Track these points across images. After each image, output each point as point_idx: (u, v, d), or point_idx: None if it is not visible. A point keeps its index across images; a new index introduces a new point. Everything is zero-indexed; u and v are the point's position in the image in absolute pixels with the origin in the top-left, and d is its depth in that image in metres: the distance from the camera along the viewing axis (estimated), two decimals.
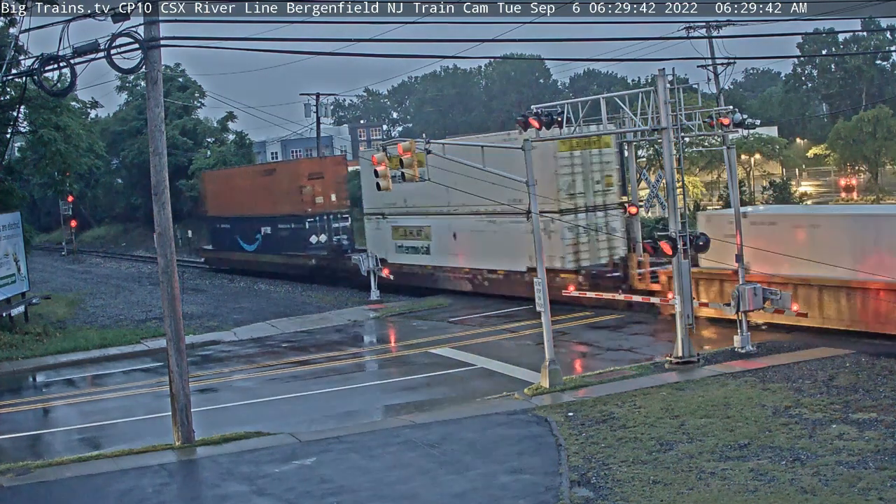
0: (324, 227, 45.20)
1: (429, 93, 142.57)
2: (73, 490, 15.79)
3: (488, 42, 24.75)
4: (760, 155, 71.70)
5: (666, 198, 21.66)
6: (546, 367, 20.45)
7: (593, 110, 23.55)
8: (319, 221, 45.31)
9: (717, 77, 48.23)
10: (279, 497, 14.72)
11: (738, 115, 24.87)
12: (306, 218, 45.32)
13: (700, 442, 15.56)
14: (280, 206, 46.75)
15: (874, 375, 19.05)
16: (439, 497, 14.10)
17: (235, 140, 74.66)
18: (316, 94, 61.50)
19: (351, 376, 24.62)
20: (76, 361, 28.97)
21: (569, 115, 22.05)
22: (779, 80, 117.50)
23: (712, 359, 21.67)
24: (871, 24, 52.95)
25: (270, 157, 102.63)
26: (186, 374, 18.52)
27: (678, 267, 21.49)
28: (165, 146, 18.33)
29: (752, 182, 71.28)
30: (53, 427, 22.14)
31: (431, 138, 25.23)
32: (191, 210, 74.12)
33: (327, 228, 45.20)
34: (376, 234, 39.81)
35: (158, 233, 18.33)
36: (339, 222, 45.46)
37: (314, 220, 45.36)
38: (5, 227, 32.81)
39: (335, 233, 45.05)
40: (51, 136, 35.72)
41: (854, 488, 12.92)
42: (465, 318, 31.31)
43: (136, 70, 17.91)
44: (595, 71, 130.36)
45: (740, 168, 60.21)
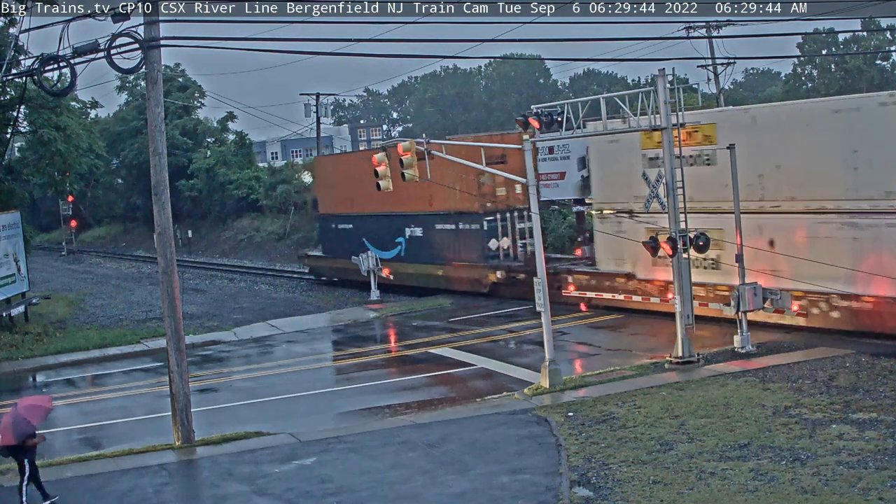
0: (506, 227, 34.62)
1: (429, 93, 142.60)
2: (73, 490, 15.78)
3: (488, 42, 24.82)
4: None
5: (666, 198, 21.65)
6: (546, 367, 20.45)
7: (593, 110, 23.53)
8: (501, 220, 34.59)
9: (717, 77, 48.24)
10: (279, 497, 14.72)
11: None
12: (483, 216, 34.35)
13: (700, 442, 15.55)
14: (441, 201, 35.25)
15: (874, 375, 19.04)
16: (439, 497, 14.10)
17: (235, 140, 74.74)
18: (316, 94, 61.58)
19: (351, 376, 24.62)
20: (76, 361, 28.98)
21: (568, 115, 22.04)
22: (779, 80, 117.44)
23: (712, 359, 21.66)
24: (871, 24, 52.95)
25: (270, 157, 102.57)
26: (186, 374, 18.53)
27: (678, 267, 21.48)
28: (165, 146, 18.35)
29: None
30: (53, 427, 22.10)
31: (431, 138, 25.27)
32: (189, 210, 74.21)
33: (510, 229, 34.69)
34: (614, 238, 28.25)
35: (158, 233, 18.34)
36: (523, 221, 34.19)
37: (493, 218, 34.50)
38: (5, 227, 32.82)
39: (520, 235, 34.51)
40: (51, 136, 35.74)
41: (854, 488, 12.91)
42: (465, 318, 31.30)
43: (136, 70, 17.92)
44: (595, 71, 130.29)
45: None
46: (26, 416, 14.93)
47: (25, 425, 14.83)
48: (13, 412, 15.13)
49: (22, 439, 14.76)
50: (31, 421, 14.92)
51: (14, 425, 14.81)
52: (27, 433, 14.81)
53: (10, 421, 14.90)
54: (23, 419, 14.88)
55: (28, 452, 14.91)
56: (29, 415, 14.99)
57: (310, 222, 62.77)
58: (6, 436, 14.80)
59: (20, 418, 14.89)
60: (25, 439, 14.80)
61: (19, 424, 14.83)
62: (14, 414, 15.05)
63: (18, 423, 14.84)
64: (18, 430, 14.77)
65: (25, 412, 15.03)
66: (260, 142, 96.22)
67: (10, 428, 14.79)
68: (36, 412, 15.16)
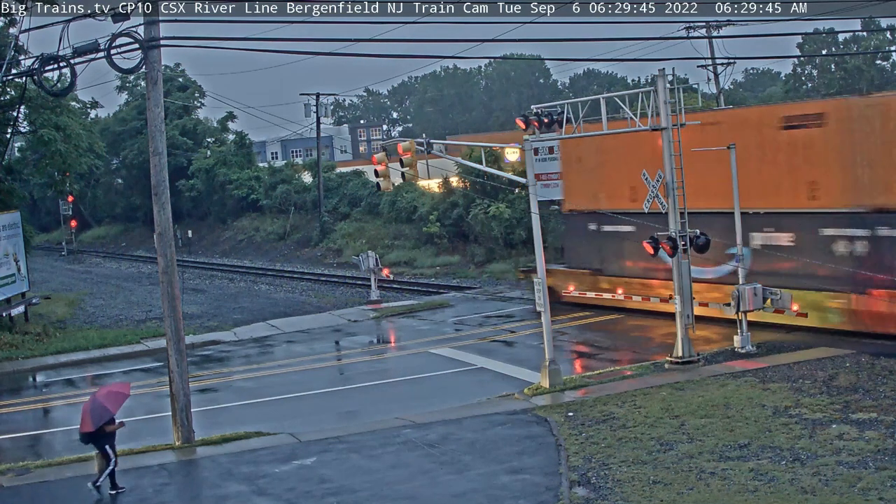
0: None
1: (429, 93, 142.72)
2: (73, 490, 15.78)
3: (488, 42, 24.81)
4: None
5: (666, 198, 21.64)
6: (546, 367, 20.45)
7: (593, 110, 23.53)
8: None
9: (717, 77, 48.20)
10: (279, 497, 14.72)
11: None
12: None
13: (700, 442, 15.55)
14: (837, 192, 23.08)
15: (874, 375, 19.05)
16: (439, 497, 14.10)
17: (235, 140, 74.72)
18: (316, 94, 61.54)
19: (351, 376, 24.61)
20: (76, 361, 28.98)
21: (568, 114, 22.04)
22: (779, 80, 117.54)
23: (712, 359, 21.67)
24: (871, 24, 52.91)
25: (270, 157, 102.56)
26: (186, 374, 18.53)
27: (678, 267, 21.48)
28: (165, 146, 18.36)
29: None
30: (53, 427, 22.13)
31: (432, 138, 25.27)
32: (189, 210, 74.21)
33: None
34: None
35: (158, 233, 18.34)
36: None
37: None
38: (5, 227, 32.82)
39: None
40: (51, 136, 35.73)
41: (854, 488, 12.91)
42: (464, 318, 31.30)
43: (136, 70, 17.93)
44: (595, 71, 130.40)
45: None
46: (104, 403, 15.46)
47: (103, 412, 15.37)
48: (92, 400, 15.66)
49: (100, 425, 15.29)
50: (109, 408, 15.44)
51: (92, 412, 15.35)
52: (105, 419, 15.34)
53: (88, 408, 15.45)
54: (101, 406, 15.41)
55: (107, 438, 15.46)
56: (107, 401, 15.51)
57: (309, 222, 62.84)
58: (85, 423, 15.36)
59: (98, 405, 15.41)
60: (103, 425, 15.32)
61: (97, 411, 15.35)
62: (93, 401, 15.57)
63: (97, 410, 15.36)
64: (97, 417, 15.29)
65: (104, 399, 15.56)
66: (260, 142, 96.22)
67: (89, 415, 15.34)
68: (114, 399, 15.66)
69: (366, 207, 59.53)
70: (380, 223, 56.99)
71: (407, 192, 54.17)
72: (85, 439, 15.61)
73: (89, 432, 15.39)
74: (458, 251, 49.18)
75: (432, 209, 51.14)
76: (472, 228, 47.47)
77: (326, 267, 54.23)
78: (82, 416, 15.48)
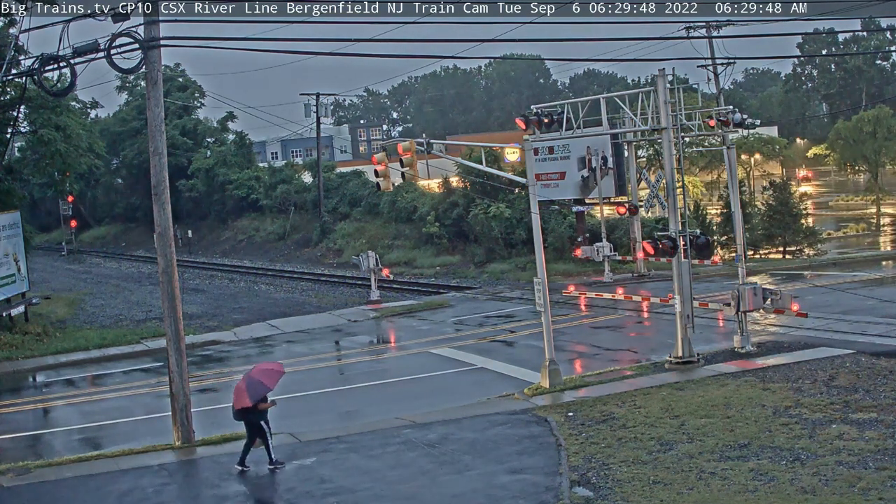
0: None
1: (429, 93, 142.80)
2: (73, 490, 15.77)
3: (488, 42, 24.76)
4: (760, 155, 71.79)
5: (666, 198, 21.65)
6: (546, 367, 20.44)
7: (593, 110, 23.54)
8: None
9: (717, 77, 48.22)
10: (279, 497, 14.72)
11: (738, 115, 24.87)
12: None
13: (700, 442, 15.55)
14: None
15: (874, 375, 19.04)
16: (439, 497, 14.09)
17: (235, 140, 74.75)
18: (316, 94, 61.59)
19: (351, 376, 24.60)
20: (76, 361, 28.96)
21: (568, 114, 22.05)
22: (779, 80, 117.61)
23: (712, 359, 21.67)
24: (871, 24, 52.94)
25: (270, 157, 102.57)
26: (186, 374, 18.52)
27: (678, 267, 21.48)
28: (165, 146, 18.34)
29: (753, 182, 71.39)
30: (53, 427, 22.12)
31: (432, 138, 25.27)
32: (189, 210, 74.21)
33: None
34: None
35: (158, 233, 18.33)
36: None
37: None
38: (5, 227, 32.80)
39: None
40: (51, 136, 35.72)
41: (854, 488, 12.91)
42: (464, 318, 31.30)
43: (136, 70, 17.91)
44: (595, 71, 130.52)
45: (740, 168, 60.21)
46: (261, 379, 15.63)
47: (261, 387, 15.57)
48: (247, 377, 15.85)
49: (256, 401, 15.50)
50: (267, 384, 15.63)
51: (249, 387, 15.54)
52: (262, 394, 15.56)
53: (244, 385, 15.63)
54: (258, 381, 15.59)
55: (262, 415, 15.72)
56: (264, 378, 15.69)
57: (309, 222, 62.86)
58: (241, 398, 15.55)
59: (255, 381, 15.60)
60: (259, 402, 15.54)
61: (254, 386, 15.53)
62: (248, 378, 15.75)
63: (254, 385, 15.54)
64: (254, 392, 15.50)
65: (260, 375, 15.74)
66: (260, 142, 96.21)
67: (246, 391, 15.52)
68: (271, 376, 15.84)
69: (366, 207, 59.54)
70: (380, 223, 57.01)
71: (407, 192, 54.19)
72: (238, 416, 15.85)
73: (245, 408, 15.56)
74: (458, 251, 49.19)
75: (432, 209, 51.16)
76: (472, 228, 47.48)
77: (326, 267, 54.25)
78: (236, 393, 15.67)
